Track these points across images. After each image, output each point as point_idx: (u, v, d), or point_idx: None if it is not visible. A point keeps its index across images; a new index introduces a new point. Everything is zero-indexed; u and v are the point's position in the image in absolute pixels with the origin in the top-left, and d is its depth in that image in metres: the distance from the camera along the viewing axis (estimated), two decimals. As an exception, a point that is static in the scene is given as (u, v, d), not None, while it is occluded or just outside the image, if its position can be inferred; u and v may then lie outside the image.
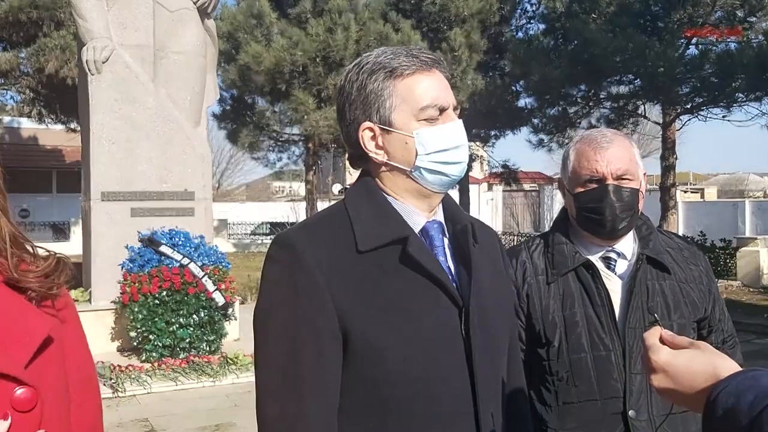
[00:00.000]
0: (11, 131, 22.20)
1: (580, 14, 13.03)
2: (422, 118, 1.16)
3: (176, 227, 6.58)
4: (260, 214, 27.10)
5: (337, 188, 26.84)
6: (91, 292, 6.78)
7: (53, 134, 21.42)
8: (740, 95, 12.18)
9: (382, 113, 1.16)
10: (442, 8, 14.92)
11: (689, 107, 13.42)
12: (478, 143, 17.74)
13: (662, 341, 0.92)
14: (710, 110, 13.32)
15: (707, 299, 1.65)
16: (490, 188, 27.27)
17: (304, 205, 19.22)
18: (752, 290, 11.71)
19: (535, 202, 27.58)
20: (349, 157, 1.27)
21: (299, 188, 31.04)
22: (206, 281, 6.17)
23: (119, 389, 5.54)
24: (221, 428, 4.86)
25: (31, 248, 1.02)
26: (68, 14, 11.52)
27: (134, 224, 6.67)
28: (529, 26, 17.00)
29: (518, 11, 16.81)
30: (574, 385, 1.54)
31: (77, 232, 14.35)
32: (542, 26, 15.50)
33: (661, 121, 14.37)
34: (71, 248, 17.14)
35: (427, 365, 1.12)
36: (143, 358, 6.07)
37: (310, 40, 13.81)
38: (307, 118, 14.21)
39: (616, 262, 1.62)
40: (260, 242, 24.05)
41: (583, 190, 1.57)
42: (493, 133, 17.20)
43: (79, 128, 9.98)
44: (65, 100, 14.23)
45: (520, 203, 27.61)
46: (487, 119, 15.20)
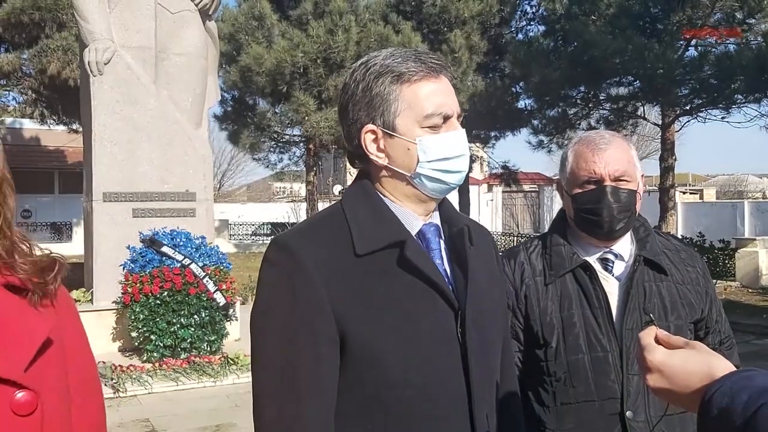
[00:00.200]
0: (13, 132, 22.18)
1: (579, 16, 13.04)
2: (426, 125, 1.15)
3: (177, 228, 6.59)
4: (261, 214, 27.14)
5: (337, 189, 26.84)
6: (92, 292, 6.78)
7: (55, 135, 21.43)
8: (739, 97, 12.18)
9: (386, 117, 1.16)
10: (442, 10, 14.96)
11: (688, 109, 13.42)
12: (478, 144, 17.74)
13: (658, 341, 0.92)
14: (709, 112, 13.33)
15: (704, 301, 1.65)
16: (490, 189, 27.28)
17: (304, 205, 19.24)
18: (751, 291, 11.71)
19: (534, 203, 27.58)
20: (348, 155, 1.26)
21: (300, 189, 31.01)
22: (207, 282, 6.18)
23: (120, 389, 5.55)
24: (222, 428, 4.87)
25: (27, 245, 1.01)
26: (70, 16, 11.57)
27: (136, 225, 6.68)
28: (529, 28, 17.05)
29: (518, 13, 16.84)
30: (571, 385, 1.54)
31: (79, 232, 14.34)
32: (542, 28, 15.54)
33: (660, 122, 14.38)
34: (73, 249, 17.14)
35: (424, 368, 1.12)
36: (144, 358, 6.08)
37: (311, 41, 13.83)
38: (307, 119, 14.23)
39: (613, 263, 1.62)
40: (261, 243, 24.04)
41: (581, 191, 1.57)
42: (493, 134, 17.22)
43: (80, 129, 10.00)
44: (67, 101, 14.26)
45: (519, 204, 27.61)
46: (487, 120, 15.21)
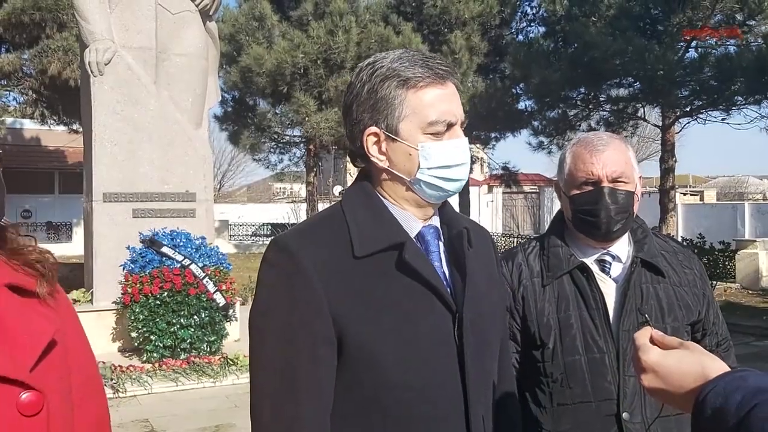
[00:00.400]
0: (14, 132, 22.21)
1: (579, 17, 13.05)
2: (429, 131, 1.15)
3: (177, 228, 6.60)
4: (261, 215, 27.17)
5: (338, 190, 26.86)
6: (92, 292, 6.79)
7: (56, 135, 21.45)
8: (739, 98, 12.19)
9: (389, 121, 1.16)
10: (442, 11, 14.97)
11: (688, 110, 13.42)
12: (478, 145, 17.74)
13: (652, 341, 0.93)
14: (709, 113, 13.32)
15: (701, 302, 1.66)
16: (490, 190, 27.29)
17: (304, 206, 19.25)
18: (751, 292, 11.70)
19: (535, 204, 27.58)
20: (349, 153, 1.26)
21: (300, 190, 31.04)
22: (207, 282, 6.19)
23: (120, 389, 5.55)
24: (221, 429, 4.88)
25: (30, 246, 1.01)
26: (71, 16, 11.58)
27: (136, 225, 6.69)
28: (529, 29, 17.05)
29: (518, 14, 16.86)
30: (568, 387, 1.55)
31: (79, 233, 14.36)
32: (542, 29, 15.54)
33: (660, 123, 14.38)
34: (73, 249, 17.16)
35: (421, 370, 1.13)
36: (144, 358, 6.08)
37: (311, 42, 13.84)
38: (308, 120, 14.25)
39: (611, 264, 1.62)
40: (261, 243, 24.06)
41: (578, 192, 1.58)
42: (493, 135, 17.22)
43: (81, 129, 10.01)
44: (68, 101, 14.28)
45: (520, 205, 27.62)
46: (487, 121, 15.22)
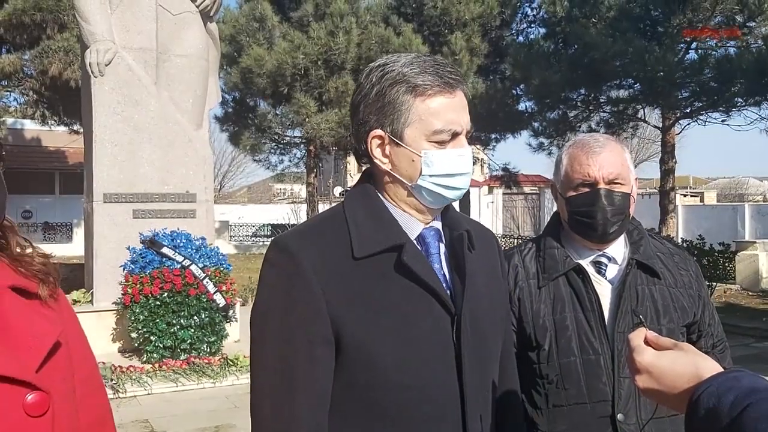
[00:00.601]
0: (15, 133, 22.22)
1: (580, 19, 13.05)
2: (433, 139, 1.16)
3: (178, 229, 6.62)
4: (261, 216, 27.20)
5: (338, 191, 26.88)
6: (92, 293, 6.80)
7: (56, 136, 21.47)
8: (739, 100, 12.18)
9: (395, 126, 1.16)
10: (443, 12, 14.97)
11: (689, 111, 13.42)
12: (478, 146, 17.73)
13: (647, 342, 0.93)
14: (710, 114, 13.32)
15: (697, 304, 1.66)
16: (490, 191, 27.29)
17: (305, 207, 19.26)
18: (751, 294, 11.71)
19: (535, 205, 27.56)
20: (354, 152, 1.27)
21: (300, 190, 31.06)
22: (207, 283, 6.20)
23: (120, 390, 5.56)
24: (221, 429, 4.89)
25: (31, 248, 1.02)
26: (71, 17, 11.61)
27: (136, 226, 6.70)
28: (529, 30, 17.01)
29: (519, 15, 16.83)
30: (563, 388, 1.55)
31: (80, 233, 14.37)
32: (543, 30, 15.52)
33: (660, 125, 14.39)
34: (74, 250, 17.16)
35: (418, 371, 1.14)
36: (144, 359, 6.09)
37: (311, 43, 13.85)
38: (308, 120, 14.26)
39: (606, 266, 1.63)
40: (261, 244, 24.09)
41: (575, 193, 1.58)
42: (493, 136, 17.20)
43: (81, 130, 10.02)
44: (68, 102, 14.31)
45: (520, 206, 27.61)
46: (487, 122, 15.21)
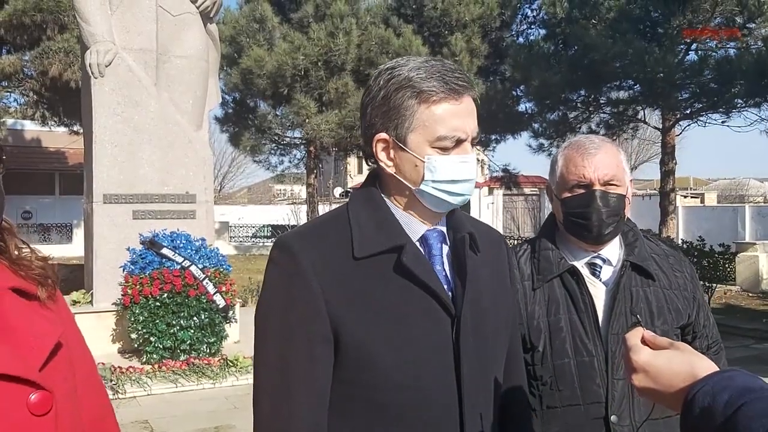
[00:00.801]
0: (15, 133, 22.24)
1: (580, 20, 13.05)
2: (436, 146, 1.16)
3: (178, 230, 6.62)
4: (261, 216, 27.20)
5: (338, 191, 26.90)
6: (92, 294, 6.81)
7: (56, 137, 21.48)
8: (739, 101, 12.19)
9: (399, 130, 1.16)
10: (443, 13, 14.98)
11: (689, 113, 13.43)
12: (478, 147, 17.73)
13: (644, 342, 0.94)
14: (710, 116, 13.32)
15: (691, 306, 1.67)
16: (490, 192, 27.29)
17: (305, 208, 19.26)
18: (751, 295, 11.72)
19: (535, 206, 27.56)
20: (362, 152, 1.28)
21: (300, 191, 31.07)
22: (207, 284, 6.21)
23: (119, 391, 5.57)
24: (220, 430, 4.89)
25: (29, 249, 1.03)
26: (72, 18, 11.61)
27: (136, 227, 6.71)
28: (529, 31, 17.00)
29: (519, 17, 16.83)
30: (557, 389, 1.56)
31: (80, 234, 14.38)
32: (543, 32, 15.54)
33: (660, 126, 14.40)
34: (74, 250, 17.19)
35: (416, 372, 1.14)
36: (144, 359, 6.09)
37: (311, 44, 13.86)
38: (308, 121, 14.27)
39: (601, 268, 1.63)
40: (261, 245, 24.11)
41: (570, 195, 1.59)
42: (493, 137, 17.21)
43: (82, 131, 10.03)
44: (68, 102, 14.32)
45: (520, 207, 27.61)
46: (487, 124, 15.21)
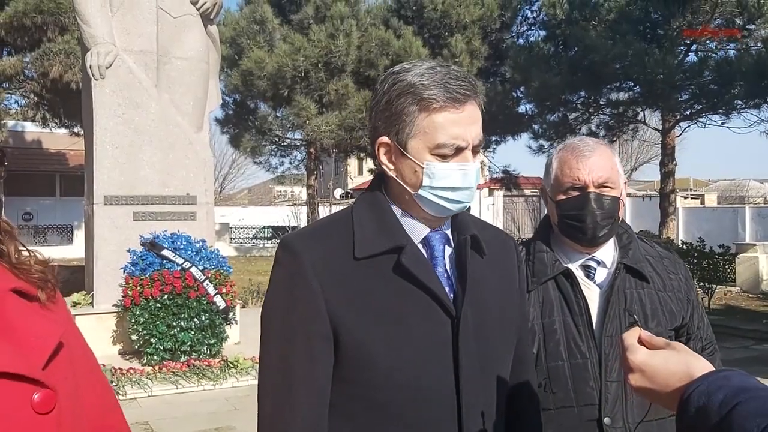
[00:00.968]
0: (15, 135, 22.26)
1: (580, 21, 13.08)
2: (436, 153, 1.16)
3: (178, 231, 6.64)
4: (262, 218, 27.19)
5: (338, 193, 26.92)
6: (93, 295, 6.82)
7: (57, 138, 21.50)
8: (739, 102, 12.21)
9: (400, 135, 1.18)
10: (443, 15, 15.01)
11: (688, 114, 13.45)
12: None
13: (640, 342, 0.96)
14: (709, 117, 13.35)
15: (685, 308, 1.67)
16: (490, 193, 27.28)
17: (305, 209, 19.27)
18: (751, 296, 11.72)
19: (535, 207, 27.54)
20: (370, 153, 1.31)
21: (301, 192, 31.06)
22: (207, 285, 6.22)
23: (120, 392, 5.57)
24: (221, 431, 4.91)
25: (28, 251, 1.04)
26: (72, 19, 11.62)
27: (136, 228, 6.72)
28: (529, 33, 17.05)
29: (519, 18, 16.86)
30: (551, 392, 1.56)
31: (80, 235, 14.42)
32: (543, 33, 15.59)
33: (660, 127, 14.43)
34: (74, 252, 17.21)
35: (415, 373, 1.15)
36: (144, 361, 6.11)
37: (312, 45, 13.89)
38: (308, 123, 14.29)
39: (595, 270, 1.64)
40: (262, 246, 24.12)
41: (565, 197, 1.60)
42: (493, 138, 17.23)
43: (82, 132, 10.05)
44: (69, 104, 14.34)
45: (520, 208, 27.61)
46: (487, 125, 15.02)
